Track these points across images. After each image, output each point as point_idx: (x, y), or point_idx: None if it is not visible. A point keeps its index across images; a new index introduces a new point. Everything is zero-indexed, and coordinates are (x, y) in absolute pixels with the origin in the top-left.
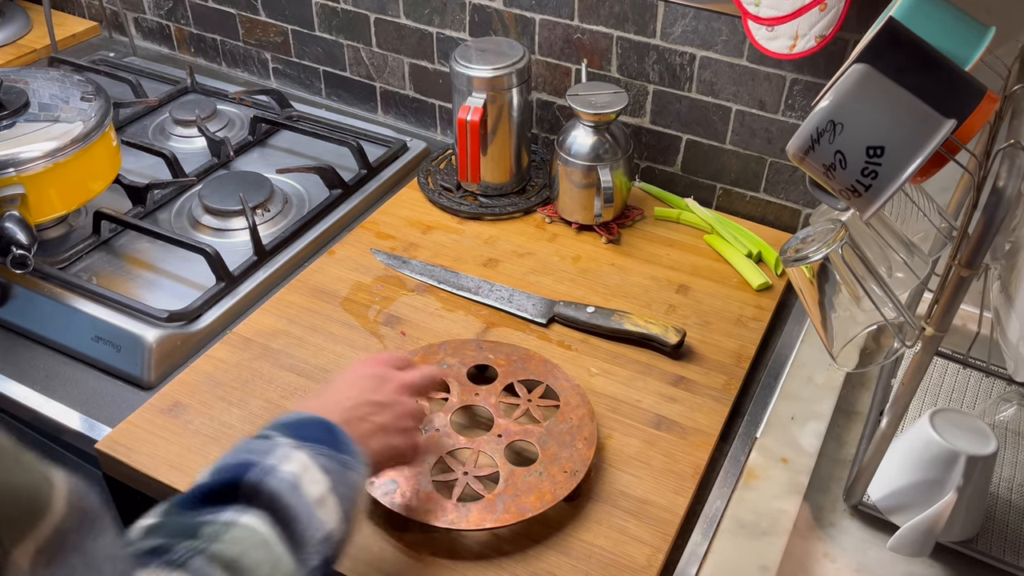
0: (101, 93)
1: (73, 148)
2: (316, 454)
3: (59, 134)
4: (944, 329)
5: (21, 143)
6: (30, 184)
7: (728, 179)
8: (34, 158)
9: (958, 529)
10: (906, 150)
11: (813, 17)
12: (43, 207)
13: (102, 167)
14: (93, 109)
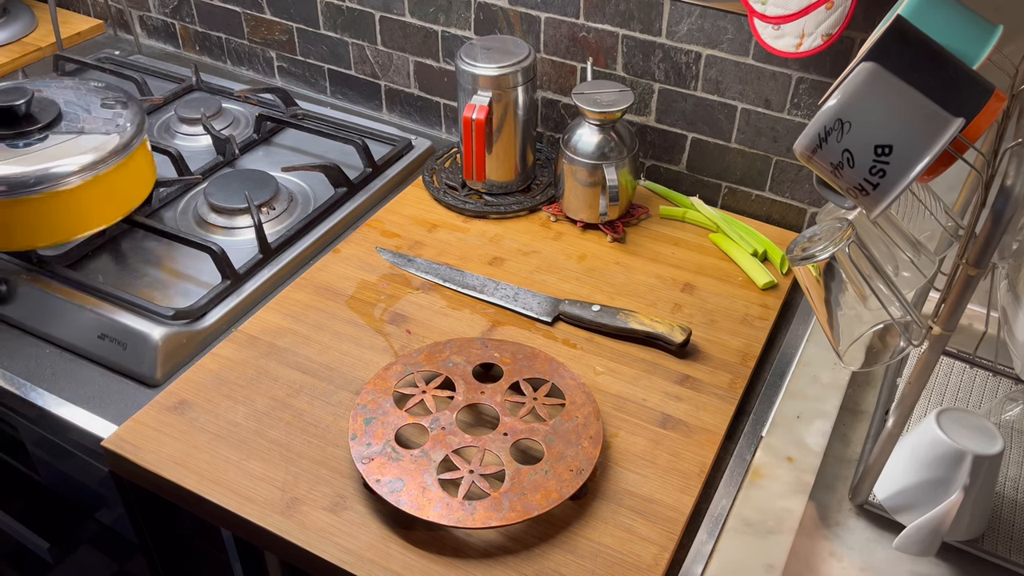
0: (133, 101)
1: (113, 160)
2: None
3: (95, 146)
4: (951, 328)
5: (56, 157)
6: (69, 199)
7: (733, 178)
8: (71, 172)
9: (964, 528)
10: (914, 149)
11: (819, 15)
12: (83, 222)
13: (141, 177)
14: (127, 118)
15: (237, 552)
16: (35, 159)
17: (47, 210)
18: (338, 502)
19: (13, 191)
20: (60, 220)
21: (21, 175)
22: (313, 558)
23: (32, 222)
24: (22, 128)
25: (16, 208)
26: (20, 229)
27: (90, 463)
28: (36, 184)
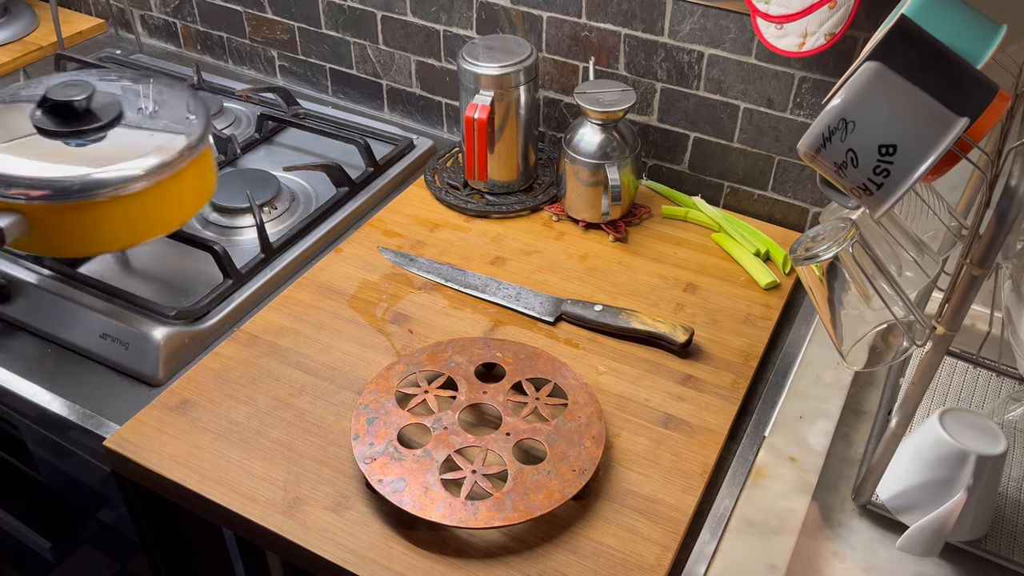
0: (196, 96)
1: (179, 162)
2: None
3: (160, 146)
4: (955, 328)
5: (118, 158)
6: (131, 204)
7: (736, 177)
8: (134, 176)
9: (967, 529)
10: (918, 148)
11: (822, 15)
12: (146, 228)
13: (205, 179)
14: (192, 114)
15: (239, 552)
16: (95, 160)
17: (108, 216)
18: (340, 502)
19: (70, 195)
20: (120, 226)
21: (80, 178)
22: (315, 558)
23: (90, 228)
24: (82, 126)
25: (73, 213)
26: (75, 235)
27: (92, 463)
28: (97, 188)
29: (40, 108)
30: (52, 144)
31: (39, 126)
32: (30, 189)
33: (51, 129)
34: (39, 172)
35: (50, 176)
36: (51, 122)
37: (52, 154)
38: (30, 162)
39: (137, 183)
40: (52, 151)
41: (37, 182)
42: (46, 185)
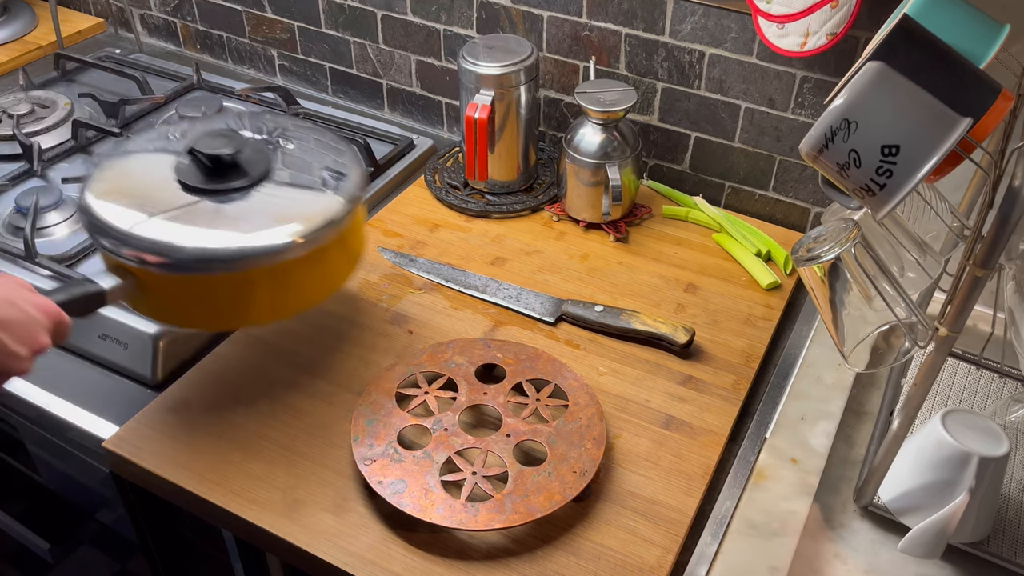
0: (347, 147)
1: (331, 228)
2: None
3: (312, 208)
4: (958, 329)
5: (269, 221)
6: (281, 274)
7: (737, 177)
8: (285, 245)
9: (970, 531)
10: (921, 149)
11: (824, 14)
12: (275, 307)
13: (357, 240)
14: (345, 168)
15: (238, 553)
16: (236, 222)
17: (256, 287)
18: (340, 504)
19: (186, 267)
20: (270, 299)
21: (230, 248)
22: (315, 560)
23: (236, 301)
24: (227, 182)
25: (192, 285)
26: (218, 308)
27: (91, 463)
28: (246, 258)
29: (185, 158)
30: (191, 200)
31: (182, 180)
32: (146, 253)
33: (194, 185)
34: (164, 234)
35: (170, 241)
36: (194, 175)
37: (188, 212)
38: (160, 221)
39: (272, 256)
40: (190, 208)
41: (155, 246)
42: (163, 251)
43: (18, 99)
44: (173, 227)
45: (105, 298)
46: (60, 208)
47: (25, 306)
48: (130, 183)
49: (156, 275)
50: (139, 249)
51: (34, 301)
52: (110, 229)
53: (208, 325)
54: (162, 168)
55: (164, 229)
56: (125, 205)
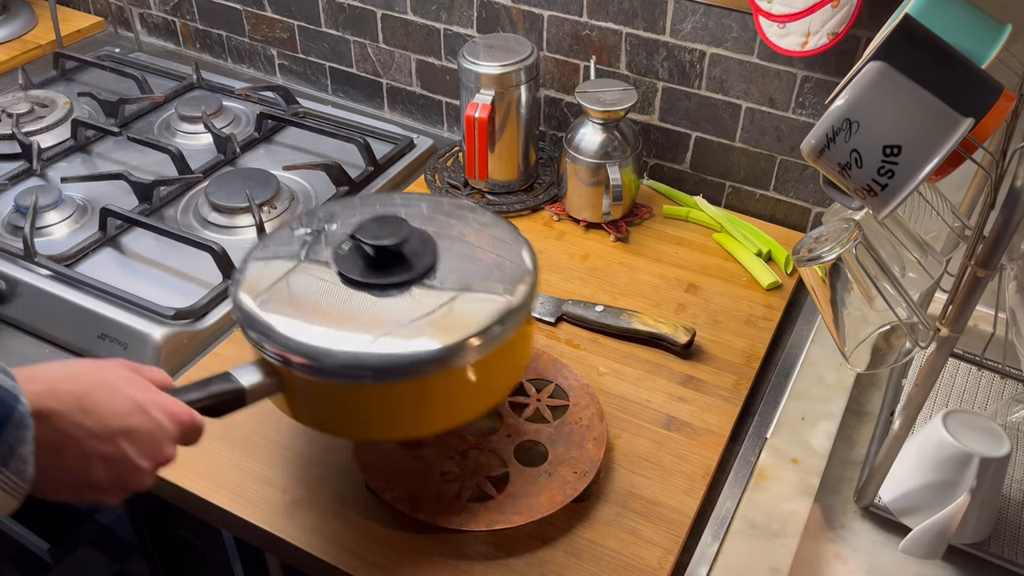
0: (519, 237)
1: (503, 333)
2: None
3: (480, 311)
4: (959, 330)
5: (436, 324)
6: (433, 389)
7: (737, 177)
8: (455, 351)
9: (971, 531)
10: (923, 149)
11: (825, 14)
12: (447, 416)
13: (525, 345)
14: (515, 268)
15: (238, 553)
16: (398, 327)
17: (407, 400)
18: (340, 504)
19: (334, 374)
20: (420, 413)
21: (381, 356)
22: (314, 560)
23: (383, 413)
24: (390, 276)
25: (368, 394)
26: (365, 418)
27: None
28: (396, 369)
29: (344, 246)
30: (347, 293)
31: (340, 269)
32: (291, 353)
33: (351, 276)
34: (312, 333)
35: (319, 344)
36: (353, 264)
37: (342, 307)
38: (311, 315)
39: (426, 369)
40: (344, 302)
41: (302, 348)
42: (310, 353)
43: (17, 98)
44: (324, 324)
45: (245, 398)
46: (59, 207)
47: (155, 413)
48: (283, 268)
49: (301, 377)
50: (285, 348)
51: (165, 407)
52: (255, 319)
53: (354, 434)
54: (319, 254)
55: (314, 326)
56: (276, 294)
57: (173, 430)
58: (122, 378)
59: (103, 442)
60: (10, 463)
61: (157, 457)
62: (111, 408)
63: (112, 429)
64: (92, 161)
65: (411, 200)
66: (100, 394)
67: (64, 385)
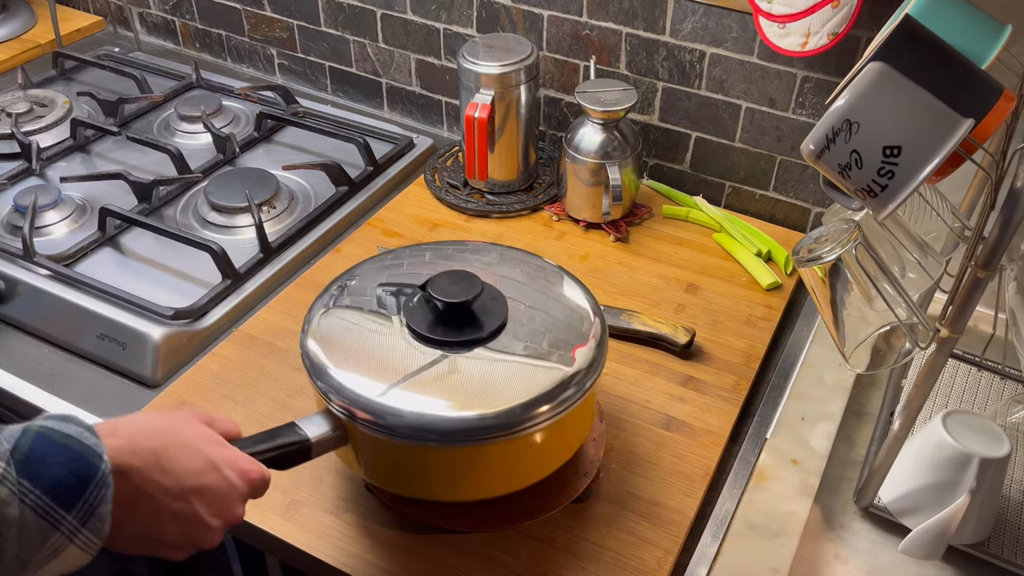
0: (587, 293)
1: (572, 399)
2: (24, 496)
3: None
4: (959, 331)
5: (493, 392)
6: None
7: (737, 177)
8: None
9: (970, 532)
10: (923, 150)
11: (825, 14)
12: (509, 480)
13: (585, 420)
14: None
15: (237, 553)
16: (465, 392)
17: (486, 460)
18: (339, 504)
19: (399, 433)
20: (500, 472)
21: (464, 419)
22: (314, 561)
23: (447, 474)
24: (461, 334)
25: (404, 451)
26: (429, 479)
27: None
28: (462, 434)
29: (415, 298)
30: (416, 348)
31: (410, 325)
32: (359, 410)
33: (421, 332)
34: (379, 390)
35: (385, 402)
36: (422, 320)
37: (411, 364)
38: (379, 371)
39: (499, 432)
40: (413, 358)
41: (369, 406)
42: (377, 412)
43: (17, 98)
44: (392, 381)
45: (311, 451)
46: (58, 207)
47: (228, 471)
48: (352, 317)
49: (366, 433)
50: (352, 403)
51: (238, 465)
52: (324, 371)
53: (418, 493)
54: (388, 304)
55: (382, 383)
56: (345, 344)
57: (243, 488)
58: (198, 435)
59: (176, 500)
60: (89, 522)
61: (227, 516)
62: (186, 466)
63: (186, 487)
64: (91, 161)
65: (481, 250)
66: (177, 451)
67: (144, 441)
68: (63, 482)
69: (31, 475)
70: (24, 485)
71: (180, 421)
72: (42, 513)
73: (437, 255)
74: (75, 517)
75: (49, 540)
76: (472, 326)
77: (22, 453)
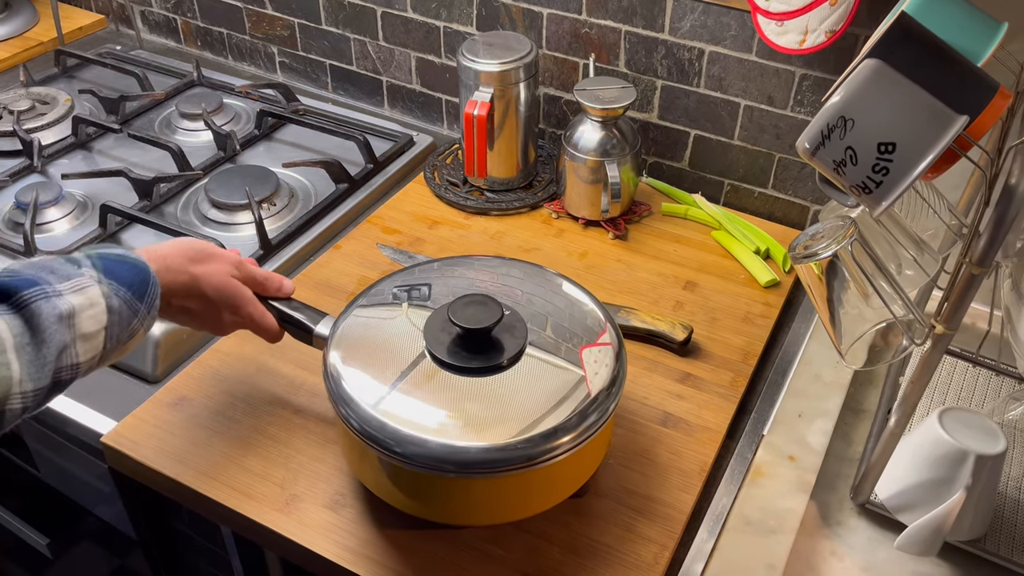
0: (610, 325)
1: (598, 423)
2: (113, 293)
3: (567, 410)
4: (954, 327)
5: (515, 423)
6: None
7: (736, 175)
8: (554, 449)
9: (966, 528)
10: (918, 146)
11: (823, 12)
12: (541, 500)
13: (602, 443)
14: (609, 361)
15: (236, 549)
16: (480, 425)
17: (501, 489)
18: (337, 499)
19: (466, 469)
20: (515, 499)
21: (480, 450)
22: (312, 555)
23: (476, 499)
24: (482, 360)
25: (465, 485)
26: (442, 505)
27: (89, 459)
28: (497, 464)
29: (435, 320)
30: (434, 371)
31: (430, 348)
32: (374, 431)
33: (440, 357)
34: (395, 417)
35: (401, 429)
36: (441, 344)
37: (428, 386)
38: (396, 395)
39: (512, 463)
40: (430, 381)
41: (391, 436)
42: (396, 443)
43: (19, 95)
44: (409, 408)
45: (312, 342)
46: (60, 204)
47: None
48: (376, 334)
49: (380, 457)
50: (366, 425)
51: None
52: (348, 398)
53: (433, 516)
54: (410, 323)
55: (398, 409)
56: (368, 368)
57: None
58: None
59: (190, 299)
60: (151, 310)
61: (240, 314)
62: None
63: (201, 288)
64: (93, 158)
65: (506, 267)
66: (199, 271)
67: (172, 262)
68: (133, 282)
69: (114, 280)
70: (114, 285)
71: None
72: (128, 304)
73: (463, 269)
74: (145, 306)
75: (131, 324)
76: (492, 351)
77: (100, 267)
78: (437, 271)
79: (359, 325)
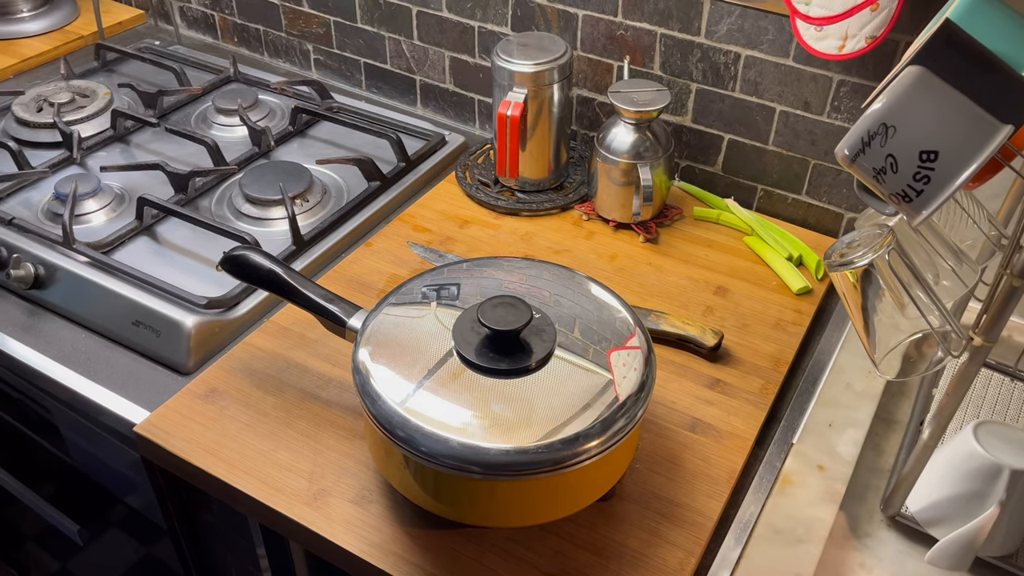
0: (640, 331)
1: (626, 428)
2: None
3: (592, 416)
4: (993, 340)
5: (538, 428)
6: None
7: (770, 180)
8: (583, 452)
9: (999, 544)
10: (960, 155)
11: (864, 17)
12: (567, 503)
13: (629, 449)
14: (636, 353)
15: (263, 540)
16: (507, 426)
17: (527, 492)
18: (364, 495)
19: (492, 471)
20: (540, 502)
21: (507, 452)
22: (337, 549)
23: (501, 502)
24: (510, 362)
25: (490, 487)
26: (467, 506)
27: (122, 448)
28: (524, 467)
29: (464, 321)
30: (461, 371)
31: (458, 349)
32: (399, 430)
33: (468, 358)
34: (422, 417)
35: (427, 429)
36: (470, 344)
37: (455, 387)
38: (424, 395)
39: (539, 466)
40: (457, 381)
41: (417, 435)
42: (419, 442)
43: (59, 88)
44: (435, 407)
45: (345, 335)
46: (98, 196)
47: None
48: (404, 334)
49: (408, 456)
50: (392, 422)
51: None
52: (376, 395)
53: (457, 517)
54: (438, 323)
55: (425, 409)
56: (396, 366)
57: None
58: None
59: None
60: None
61: None
62: None
63: None
64: (130, 151)
65: (535, 268)
66: None
67: None
68: None
69: None
70: None
71: None
72: None
73: (491, 269)
74: None
75: None
76: (520, 353)
77: None
78: (467, 271)
79: (389, 323)
